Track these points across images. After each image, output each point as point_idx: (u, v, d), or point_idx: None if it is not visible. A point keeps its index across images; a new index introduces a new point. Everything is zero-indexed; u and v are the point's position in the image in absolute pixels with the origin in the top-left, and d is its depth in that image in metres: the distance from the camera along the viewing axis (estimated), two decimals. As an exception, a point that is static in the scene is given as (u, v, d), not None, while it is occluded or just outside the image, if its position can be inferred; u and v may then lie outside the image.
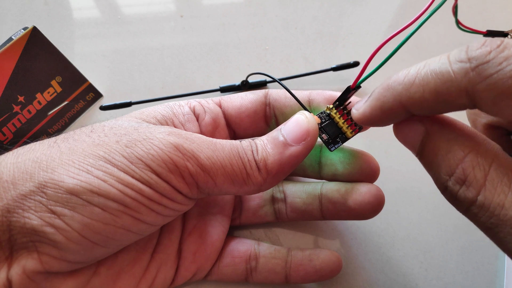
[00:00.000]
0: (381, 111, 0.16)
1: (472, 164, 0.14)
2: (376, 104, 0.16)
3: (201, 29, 0.37)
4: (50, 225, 0.16)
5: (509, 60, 0.12)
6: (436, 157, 0.15)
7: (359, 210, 0.22)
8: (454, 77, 0.13)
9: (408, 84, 0.15)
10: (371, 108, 0.17)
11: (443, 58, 0.14)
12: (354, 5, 0.38)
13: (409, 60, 0.34)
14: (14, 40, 0.25)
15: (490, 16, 0.37)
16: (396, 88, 0.15)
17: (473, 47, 0.13)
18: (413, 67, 0.15)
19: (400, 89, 0.15)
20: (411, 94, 0.15)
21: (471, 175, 0.14)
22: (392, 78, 0.16)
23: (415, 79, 0.15)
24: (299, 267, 0.23)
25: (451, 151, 0.15)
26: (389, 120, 0.17)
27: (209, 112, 0.23)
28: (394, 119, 0.17)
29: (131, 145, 0.18)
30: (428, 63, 0.15)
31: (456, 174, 0.15)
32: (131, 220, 0.18)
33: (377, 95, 0.16)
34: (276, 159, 0.19)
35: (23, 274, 0.16)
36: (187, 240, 0.23)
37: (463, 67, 0.13)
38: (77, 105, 0.32)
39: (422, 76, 0.14)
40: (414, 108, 0.15)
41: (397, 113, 0.16)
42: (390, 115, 0.16)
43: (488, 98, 0.13)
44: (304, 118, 0.20)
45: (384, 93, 0.16)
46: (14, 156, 0.18)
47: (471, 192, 0.14)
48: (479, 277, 0.26)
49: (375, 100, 0.17)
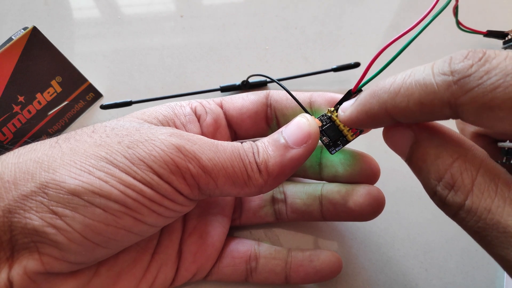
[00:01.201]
0: (366, 116, 0.17)
1: (460, 170, 0.15)
2: (362, 109, 0.17)
3: (201, 29, 0.37)
4: (51, 226, 0.16)
5: (489, 74, 0.13)
6: (425, 163, 0.16)
7: (359, 212, 0.22)
8: (437, 89, 0.14)
9: (393, 93, 0.15)
10: (357, 112, 0.17)
11: (427, 69, 0.14)
12: (354, 5, 0.38)
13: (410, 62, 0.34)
14: (14, 40, 0.25)
15: (490, 16, 0.37)
16: (382, 96, 0.16)
17: (456, 59, 0.14)
18: (399, 75, 0.15)
19: (386, 97, 0.15)
20: (396, 103, 0.15)
21: (459, 180, 0.15)
22: (378, 86, 0.16)
23: (401, 89, 0.15)
24: (299, 268, 0.23)
25: (440, 157, 0.15)
26: (374, 125, 0.18)
27: (210, 112, 0.23)
28: (379, 124, 0.17)
29: (133, 146, 0.18)
30: (413, 72, 0.15)
31: (445, 179, 0.15)
32: (132, 221, 0.18)
33: (363, 101, 0.17)
34: (277, 161, 0.19)
35: (24, 275, 0.16)
36: (188, 240, 0.23)
37: (446, 80, 0.13)
38: (77, 105, 0.31)
39: (407, 86, 0.15)
40: (399, 116, 0.15)
41: (383, 119, 0.16)
42: (375, 121, 0.17)
43: (470, 110, 0.13)
44: (306, 121, 0.20)
45: (370, 99, 0.16)
46: (15, 156, 0.18)
47: (459, 197, 0.14)
48: (479, 277, 0.26)
49: (361, 105, 0.17)
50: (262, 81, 0.33)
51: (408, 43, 0.18)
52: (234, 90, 0.33)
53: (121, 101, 0.31)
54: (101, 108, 0.31)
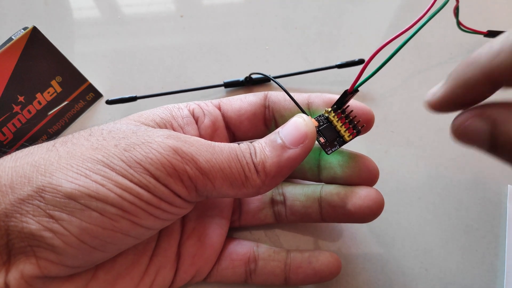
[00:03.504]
0: (465, 88, 0.15)
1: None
2: (458, 83, 0.15)
3: (201, 29, 0.37)
4: (48, 230, 0.16)
5: None
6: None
7: (358, 214, 0.22)
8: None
9: (495, 54, 0.14)
10: (453, 87, 0.16)
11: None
12: (354, 5, 0.38)
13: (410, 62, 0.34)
14: (14, 40, 0.25)
15: (490, 16, 0.37)
16: (480, 61, 0.14)
17: None
18: (494, 40, 0.14)
19: (486, 60, 0.14)
20: (501, 61, 0.14)
21: None
22: (471, 56, 0.15)
23: (503, 46, 0.14)
24: (298, 270, 0.23)
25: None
26: (473, 99, 0.16)
27: (208, 114, 0.23)
28: (479, 96, 0.16)
29: (129, 149, 0.18)
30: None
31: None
32: (129, 224, 0.18)
33: (459, 73, 0.15)
34: (274, 162, 0.19)
35: (21, 279, 0.16)
36: (186, 243, 0.23)
37: None
38: (77, 105, 0.32)
39: (510, 43, 0.13)
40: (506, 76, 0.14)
41: (483, 88, 0.15)
42: (475, 91, 0.15)
43: None
44: (302, 121, 0.20)
45: (466, 69, 0.15)
46: (12, 160, 0.18)
47: None
48: (479, 277, 0.26)
49: (456, 79, 0.16)
50: (265, 78, 0.33)
51: (404, 42, 0.18)
52: (237, 86, 0.33)
53: (126, 97, 0.31)
54: (106, 104, 0.31)
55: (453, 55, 0.35)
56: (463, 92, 0.15)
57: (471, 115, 0.16)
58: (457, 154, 0.30)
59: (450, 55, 0.35)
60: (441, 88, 0.16)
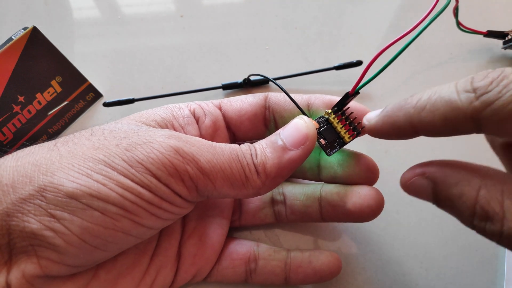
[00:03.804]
0: (391, 127, 0.18)
1: (487, 200, 0.15)
2: (388, 121, 0.18)
3: (201, 29, 0.37)
4: (49, 229, 0.16)
5: (508, 87, 0.14)
6: (452, 203, 0.16)
7: (358, 213, 0.22)
8: (461, 105, 0.15)
9: (420, 108, 0.16)
10: (383, 123, 0.18)
11: (451, 87, 0.16)
12: (354, 5, 0.38)
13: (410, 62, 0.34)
14: (14, 40, 0.25)
15: (490, 16, 0.37)
16: (408, 110, 0.17)
17: (477, 78, 0.15)
18: (425, 92, 0.17)
19: (412, 111, 0.17)
20: (422, 117, 0.16)
21: (490, 210, 0.15)
22: (406, 101, 0.17)
23: (427, 105, 0.16)
24: (299, 269, 0.23)
25: (464, 194, 0.16)
26: (397, 136, 0.18)
27: (209, 114, 0.23)
28: (402, 136, 0.18)
29: (131, 149, 0.18)
30: (438, 90, 0.16)
31: (477, 213, 0.15)
32: (130, 224, 0.18)
33: (390, 113, 0.18)
34: (274, 163, 0.19)
35: (22, 279, 0.16)
36: (187, 242, 0.23)
37: (469, 96, 0.15)
38: (77, 105, 0.32)
39: (432, 102, 0.16)
40: (424, 130, 0.17)
41: (406, 132, 0.17)
42: (399, 132, 0.18)
43: (492, 123, 0.14)
44: (303, 122, 0.20)
45: (397, 112, 0.17)
46: (13, 159, 0.18)
47: (496, 226, 0.15)
48: (479, 277, 0.26)
49: (387, 116, 0.18)
50: (263, 80, 0.33)
51: (405, 46, 0.18)
52: (235, 88, 0.33)
53: (123, 99, 0.31)
54: (104, 106, 0.31)
55: (453, 55, 0.35)
56: (390, 129, 0.18)
57: (415, 174, 0.18)
58: (457, 155, 0.30)
59: (450, 55, 0.35)
60: (375, 118, 0.19)
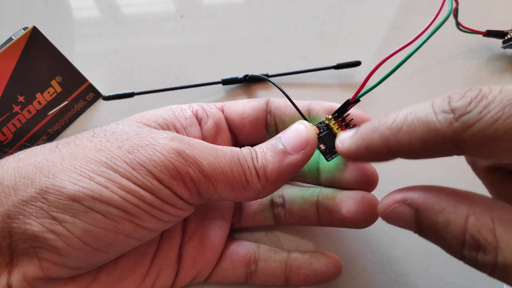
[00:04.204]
0: (366, 150, 0.17)
1: (477, 228, 0.14)
2: (362, 143, 0.17)
3: (201, 29, 0.37)
4: (51, 231, 0.16)
5: (488, 108, 0.13)
6: (437, 232, 0.15)
7: (352, 219, 0.22)
8: (440, 127, 0.14)
9: (395, 130, 0.15)
10: (357, 146, 0.17)
11: (428, 107, 0.15)
12: (354, 5, 0.38)
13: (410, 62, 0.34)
14: (14, 40, 0.25)
15: (490, 16, 0.37)
16: (383, 132, 0.16)
17: (455, 97, 0.14)
18: (400, 112, 0.16)
19: (388, 133, 0.16)
20: (398, 140, 0.15)
21: (481, 239, 0.14)
22: (380, 121, 0.16)
23: (403, 126, 0.15)
24: (299, 271, 0.23)
25: (450, 222, 0.14)
26: (373, 160, 0.18)
27: (211, 116, 0.23)
28: (378, 159, 0.17)
29: (133, 151, 0.18)
30: (414, 110, 0.15)
31: (468, 242, 0.14)
32: (132, 226, 0.18)
33: (363, 135, 0.17)
34: (275, 167, 0.19)
35: (23, 281, 0.16)
36: (187, 245, 0.23)
37: (447, 117, 0.14)
38: (77, 105, 0.31)
39: (409, 123, 0.15)
40: (401, 153, 0.16)
41: (383, 155, 0.16)
42: (375, 156, 0.17)
43: (474, 145, 0.13)
44: (304, 127, 0.20)
45: (372, 134, 0.16)
46: (15, 161, 0.18)
47: (489, 256, 0.14)
48: (479, 277, 0.26)
49: (361, 139, 0.17)
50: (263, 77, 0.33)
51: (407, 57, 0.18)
52: (235, 83, 0.33)
53: (123, 93, 0.31)
54: (103, 100, 0.31)
55: (453, 55, 0.35)
56: (365, 153, 0.17)
57: (395, 201, 0.16)
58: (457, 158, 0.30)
59: (450, 55, 0.35)
60: (349, 140, 0.18)
